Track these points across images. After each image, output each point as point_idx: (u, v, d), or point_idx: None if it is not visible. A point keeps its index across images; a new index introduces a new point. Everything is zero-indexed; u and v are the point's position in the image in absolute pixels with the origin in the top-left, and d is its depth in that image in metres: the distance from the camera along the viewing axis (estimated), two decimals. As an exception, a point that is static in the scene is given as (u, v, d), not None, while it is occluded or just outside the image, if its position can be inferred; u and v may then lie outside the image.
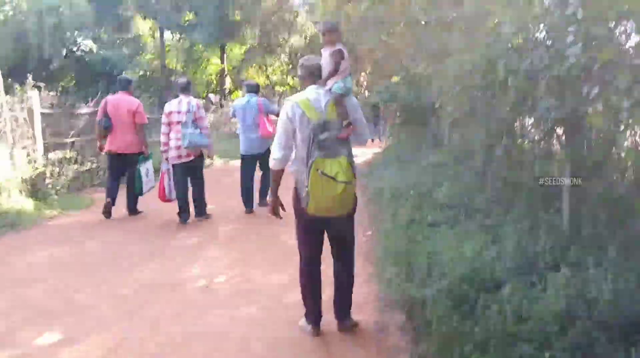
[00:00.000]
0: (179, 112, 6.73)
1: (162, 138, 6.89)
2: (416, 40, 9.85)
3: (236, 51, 27.56)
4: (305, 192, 3.19)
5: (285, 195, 3.53)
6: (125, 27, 24.91)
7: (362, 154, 15.15)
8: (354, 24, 21.65)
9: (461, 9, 7.12)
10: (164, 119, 6.86)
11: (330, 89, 3.34)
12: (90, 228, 6.78)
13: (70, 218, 7.39)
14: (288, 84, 27.62)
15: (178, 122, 6.69)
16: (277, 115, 5.23)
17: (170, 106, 6.86)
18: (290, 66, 25.85)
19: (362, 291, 4.27)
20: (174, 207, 7.03)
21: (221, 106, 20.90)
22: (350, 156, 3.25)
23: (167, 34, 26.93)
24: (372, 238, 6.13)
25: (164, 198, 7.13)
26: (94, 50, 22.08)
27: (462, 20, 7.05)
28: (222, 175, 11.07)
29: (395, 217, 6.43)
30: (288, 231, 4.49)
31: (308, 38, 25.10)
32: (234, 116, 7.85)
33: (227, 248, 5.83)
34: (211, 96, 22.10)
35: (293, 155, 3.36)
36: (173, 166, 6.89)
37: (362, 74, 25.16)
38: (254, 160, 7.51)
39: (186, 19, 23.81)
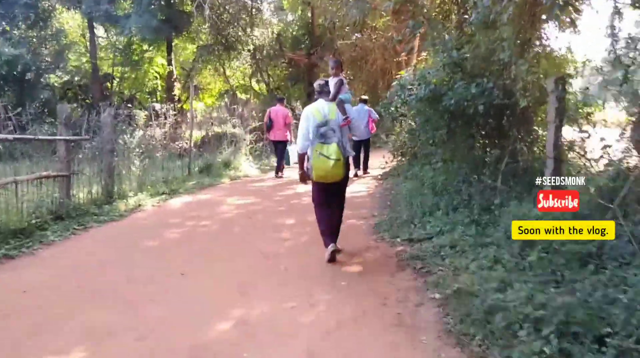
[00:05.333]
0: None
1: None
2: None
3: (189, 50, 22.68)
4: (311, 166, 5.02)
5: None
6: (44, 21, 19.77)
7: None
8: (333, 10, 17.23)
9: None
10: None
11: (335, 98, 5.29)
12: None
13: None
14: (252, 89, 22.77)
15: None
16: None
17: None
18: (255, 66, 21.07)
19: None
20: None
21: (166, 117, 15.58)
22: (340, 142, 4.96)
23: (101, 31, 21.93)
24: None
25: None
26: (-3, 48, 16.91)
27: None
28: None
29: None
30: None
31: (275, 32, 20.41)
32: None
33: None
34: (155, 105, 17.09)
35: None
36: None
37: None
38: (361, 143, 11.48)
39: (121, 9, 18.87)
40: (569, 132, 5.54)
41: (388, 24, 18.67)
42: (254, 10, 19.12)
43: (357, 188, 10.30)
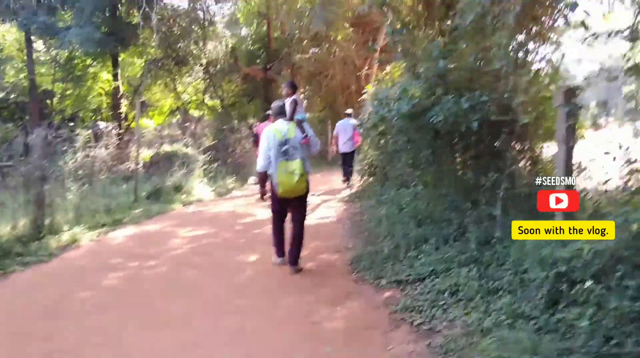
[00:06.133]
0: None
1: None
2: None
3: (137, 65, 21.32)
4: (276, 183, 5.32)
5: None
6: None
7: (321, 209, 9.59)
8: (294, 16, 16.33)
9: None
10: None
11: (292, 118, 5.67)
12: None
13: None
14: (206, 104, 21.56)
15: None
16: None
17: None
18: (208, 81, 19.92)
19: None
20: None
21: (118, 136, 14.08)
22: (303, 159, 5.32)
23: (41, 45, 20.34)
24: None
25: None
26: None
27: None
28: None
29: None
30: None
31: (230, 45, 19.36)
32: (337, 133, 12.12)
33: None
34: (100, 124, 15.77)
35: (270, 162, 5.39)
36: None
37: (301, 92, 19.69)
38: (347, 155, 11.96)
39: (62, 21, 17.47)
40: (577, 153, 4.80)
41: (349, 38, 18.04)
42: (206, 22, 18.04)
43: (324, 213, 9.37)
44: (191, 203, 11.11)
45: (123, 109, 18.86)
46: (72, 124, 18.25)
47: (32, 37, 18.44)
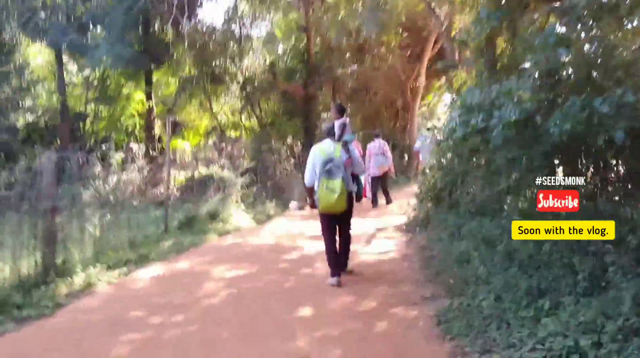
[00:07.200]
0: (376, 147, 12.41)
1: (365, 163, 11.39)
2: None
3: (171, 86, 20.47)
4: (317, 198, 5.64)
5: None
6: (6, 55, 17.55)
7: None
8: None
9: None
10: (367, 153, 12.38)
11: (340, 139, 5.96)
12: None
13: None
14: (243, 125, 20.46)
15: (376, 154, 12.26)
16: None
17: (371, 146, 12.45)
18: (245, 100, 18.84)
19: None
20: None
21: (150, 157, 12.97)
22: (344, 177, 5.55)
23: (74, 66, 19.78)
24: None
25: (364, 195, 11.93)
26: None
27: None
28: None
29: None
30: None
31: (268, 61, 18.28)
32: (418, 149, 14.04)
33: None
34: (133, 146, 14.72)
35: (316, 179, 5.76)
36: (372, 177, 12.32)
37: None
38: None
39: (93, 38, 16.75)
40: None
41: (399, 45, 16.80)
42: (243, 38, 17.01)
43: (382, 246, 7.90)
44: (228, 232, 9.82)
45: (157, 130, 17.97)
46: (103, 147, 17.41)
47: (64, 58, 17.86)
